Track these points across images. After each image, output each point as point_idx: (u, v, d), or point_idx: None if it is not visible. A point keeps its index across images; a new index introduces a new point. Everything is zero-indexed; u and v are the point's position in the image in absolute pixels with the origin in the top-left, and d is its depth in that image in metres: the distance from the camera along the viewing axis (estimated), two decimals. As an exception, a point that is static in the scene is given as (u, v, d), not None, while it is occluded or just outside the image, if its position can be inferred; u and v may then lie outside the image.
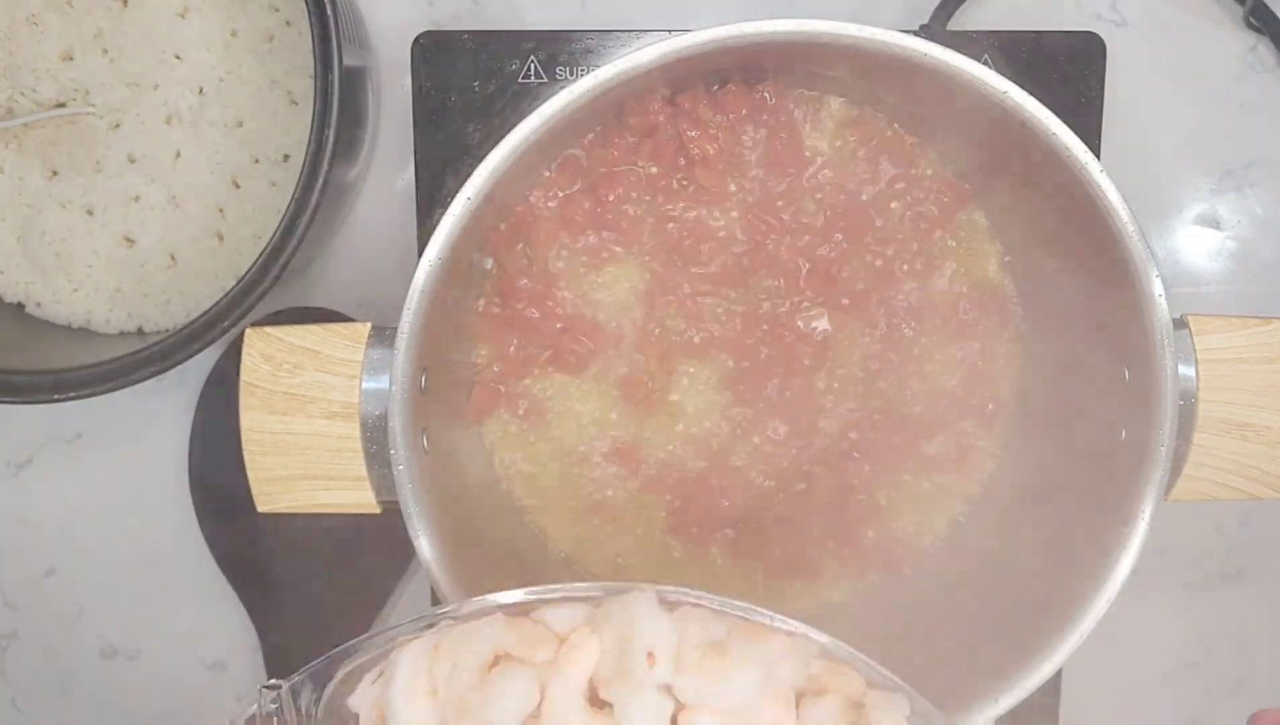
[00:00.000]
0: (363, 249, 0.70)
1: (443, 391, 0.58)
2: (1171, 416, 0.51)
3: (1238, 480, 0.54)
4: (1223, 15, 0.70)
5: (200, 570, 0.71)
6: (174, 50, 0.63)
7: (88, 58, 0.64)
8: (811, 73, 0.59)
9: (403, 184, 0.70)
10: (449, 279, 0.54)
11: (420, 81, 0.65)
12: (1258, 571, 0.72)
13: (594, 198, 0.60)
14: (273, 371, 0.53)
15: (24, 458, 0.72)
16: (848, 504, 0.61)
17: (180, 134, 0.64)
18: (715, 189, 0.60)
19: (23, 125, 0.65)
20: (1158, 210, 0.70)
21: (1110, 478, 0.54)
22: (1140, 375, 0.52)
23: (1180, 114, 0.70)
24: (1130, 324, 0.52)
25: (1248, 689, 0.72)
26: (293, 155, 0.65)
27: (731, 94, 0.59)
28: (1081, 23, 0.69)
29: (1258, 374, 0.53)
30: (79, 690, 0.72)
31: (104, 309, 0.66)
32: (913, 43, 0.52)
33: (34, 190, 0.65)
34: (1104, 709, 0.72)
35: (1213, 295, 0.71)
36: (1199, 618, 0.72)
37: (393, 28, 0.68)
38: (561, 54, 0.65)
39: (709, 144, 0.59)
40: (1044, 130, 0.52)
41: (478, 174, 0.52)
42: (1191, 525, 0.72)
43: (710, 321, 0.61)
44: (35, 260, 0.66)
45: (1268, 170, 0.70)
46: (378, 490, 0.54)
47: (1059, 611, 0.53)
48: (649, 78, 0.53)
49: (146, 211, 0.65)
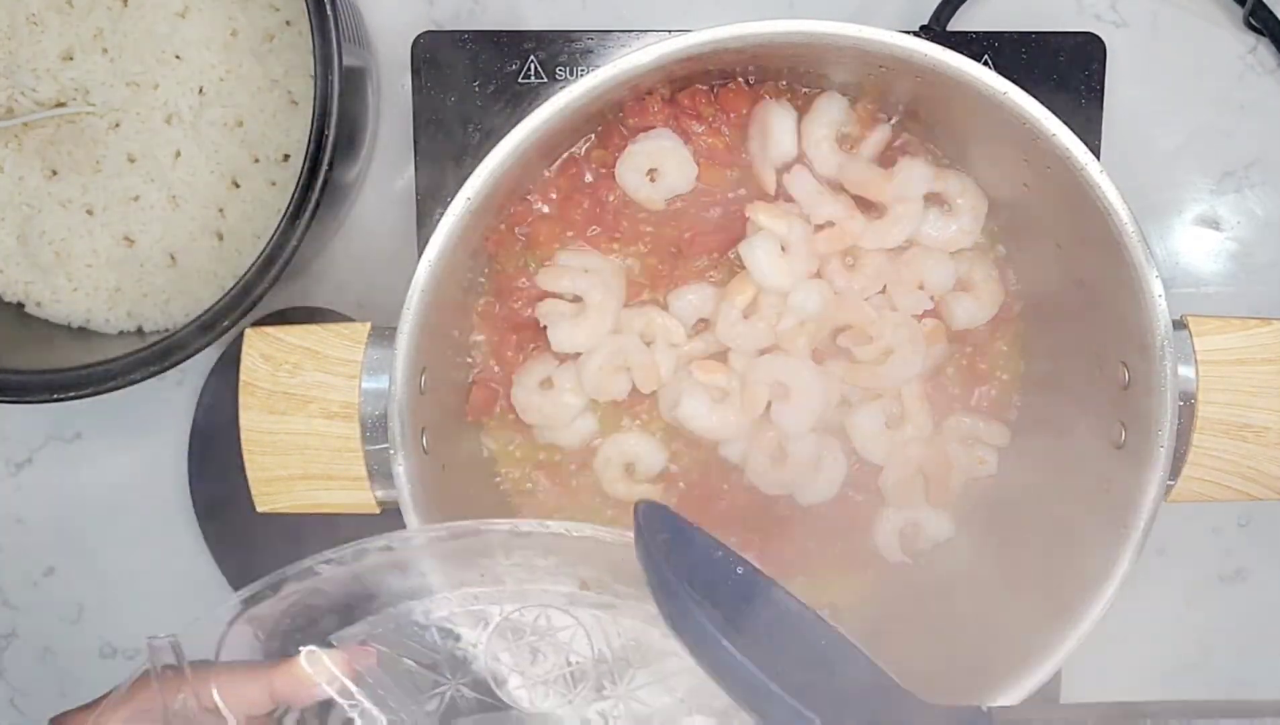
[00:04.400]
0: (363, 249, 0.70)
1: (442, 391, 0.58)
2: (1171, 417, 0.51)
3: (1237, 481, 0.54)
4: (1223, 16, 0.70)
5: (200, 569, 0.71)
6: (174, 50, 0.63)
7: (88, 57, 0.64)
8: (811, 73, 0.59)
9: (403, 184, 0.70)
10: (449, 279, 0.54)
11: (420, 81, 0.65)
12: (1257, 572, 0.72)
13: (593, 198, 0.60)
14: (272, 371, 0.53)
15: (24, 458, 0.72)
16: (848, 504, 0.62)
17: (180, 134, 0.64)
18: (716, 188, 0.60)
19: (23, 125, 0.64)
20: (1158, 210, 0.70)
21: (1110, 478, 0.54)
22: (1140, 376, 0.52)
23: (1180, 114, 0.70)
24: (1130, 324, 0.52)
25: (1248, 689, 0.72)
26: (293, 155, 0.65)
27: (732, 93, 0.59)
28: (1081, 23, 0.69)
29: (1257, 375, 0.53)
30: (79, 690, 0.72)
31: (104, 308, 0.66)
32: (913, 43, 0.52)
33: (34, 190, 0.65)
34: (1104, 709, 0.72)
35: (1212, 296, 0.71)
36: (1199, 618, 0.72)
37: (393, 28, 0.68)
38: (561, 54, 0.65)
39: (714, 138, 0.59)
40: (1044, 131, 0.52)
41: (477, 174, 0.52)
42: (1191, 525, 0.72)
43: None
44: (35, 260, 0.66)
45: (1268, 171, 0.70)
46: (377, 490, 0.54)
47: (1059, 611, 0.53)
48: (649, 78, 0.54)
49: (146, 211, 0.65)
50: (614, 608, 0.47)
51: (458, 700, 0.47)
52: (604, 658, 0.47)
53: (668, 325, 0.60)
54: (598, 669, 0.47)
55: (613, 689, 0.47)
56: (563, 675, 0.47)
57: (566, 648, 0.47)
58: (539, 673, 0.47)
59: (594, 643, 0.47)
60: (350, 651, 0.46)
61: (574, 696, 0.47)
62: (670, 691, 0.47)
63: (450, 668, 0.47)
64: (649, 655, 0.47)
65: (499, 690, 0.47)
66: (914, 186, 0.58)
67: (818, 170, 0.59)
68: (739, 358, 0.60)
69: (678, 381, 0.60)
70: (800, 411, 0.59)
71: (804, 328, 0.59)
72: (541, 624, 0.47)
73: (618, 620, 0.47)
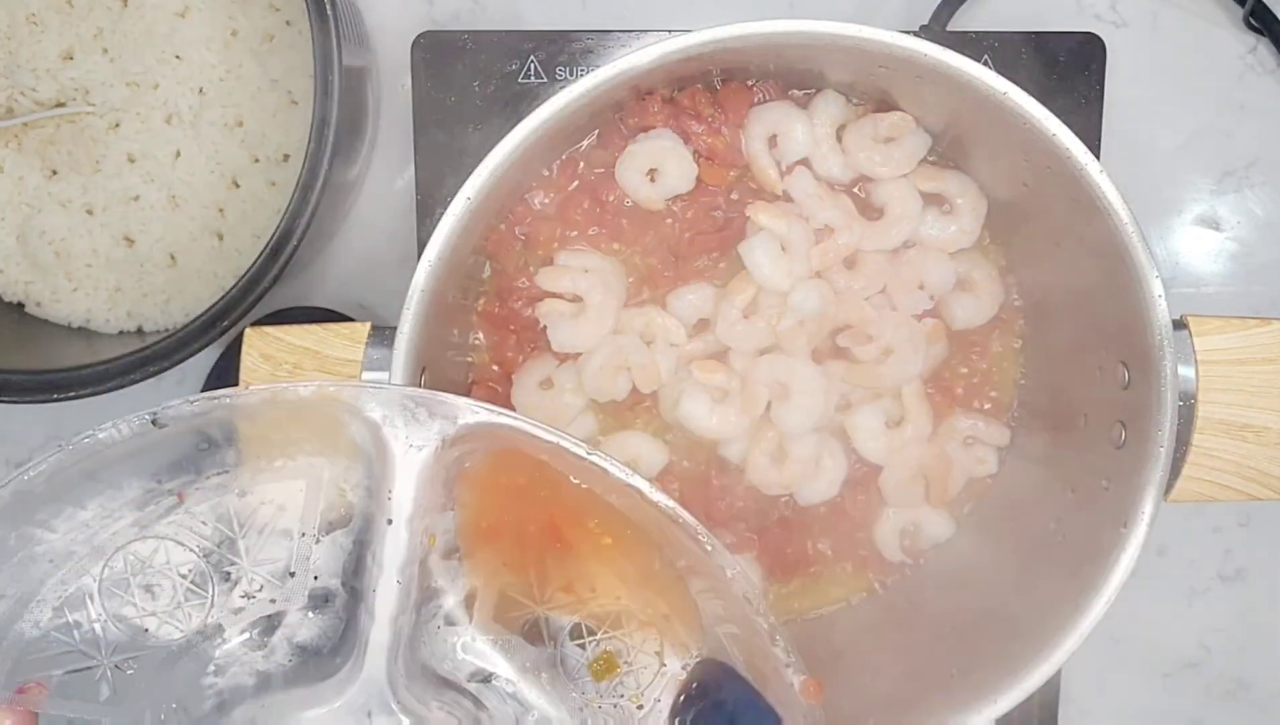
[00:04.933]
0: (363, 249, 0.70)
1: (442, 391, 0.58)
2: (1171, 417, 0.51)
3: (1237, 481, 0.54)
4: (1223, 16, 0.70)
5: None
6: (174, 50, 0.63)
7: (88, 57, 0.64)
8: (811, 72, 0.59)
9: (403, 184, 0.70)
10: (449, 279, 0.54)
11: (420, 81, 0.65)
12: (1257, 572, 0.72)
13: (593, 198, 0.60)
14: (272, 371, 0.53)
15: (24, 458, 0.72)
16: (847, 504, 0.61)
17: (180, 134, 0.64)
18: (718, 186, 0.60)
19: (23, 125, 0.65)
20: (1158, 210, 0.70)
21: (1110, 478, 0.54)
22: (1140, 376, 0.52)
23: (1180, 114, 0.70)
24: (1130, 324, 0.52)
25: (1248, 689, 0.72)
26: (293, 155, 0.65)
27: (732, 93, 0.59)
28: (1081, 23, 0.69)
29: (1257, 375, 0.53)
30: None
31: (104, 308, 0.66)
32: (913, 43, 0.52)
33: (34, 190, 0.65)
34: (1104, 709, 0.72)
35: (1212, 296, 0.71)
36: (1199, 618, 0.72)
37: (393, 28, 0.68)
38: (561, 54, 0.65)
39: (713, 138, 0.59)
40: (1044, 131, 0.52)
41: (477, 174, 0.52)
42: (1191, 526, 0.72)
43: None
44: (35, 260, 0.66)
45: (1268, 171, 0.70)
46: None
47: (1059, 611, 0.53)
48: (649, 78, 0.54)
49: (146, 211, 0.65)
50: (178, 507, 0.47)
51: (123, 670, 0.47)
52: (208, 550, 0.48)
53: (668, 325, 0.60)
54: (211, 561, 0.48)
55: (238, 566, 0.48)
56: (188, 588, 0.48)
57: (170, 567, 0.47)
58: (166, 603, 0.48)
59: (187, 543, 0.48)
60: (13, 709, 0.45)
61: (212, 597, 0.48)
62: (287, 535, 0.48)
63: (95, 646, 0.47)
64: (242, 518, 0.48)
65: (150, 639, 0.47)
66: (914, 157, 0.59)
67: (818, 170, 0.59)
68: (739, 358, 0.60)
69: (678, 381, 0.60)
70: (800, 411, 0.59)
71: (804, 327, 0.59)
72: (134, 562, 0.47)
73: (191, 511, 0.47)
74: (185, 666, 0.48)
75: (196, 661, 0.48)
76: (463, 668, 0.50)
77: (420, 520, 0.47)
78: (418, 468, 0.47)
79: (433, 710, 0.48)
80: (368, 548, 0.48)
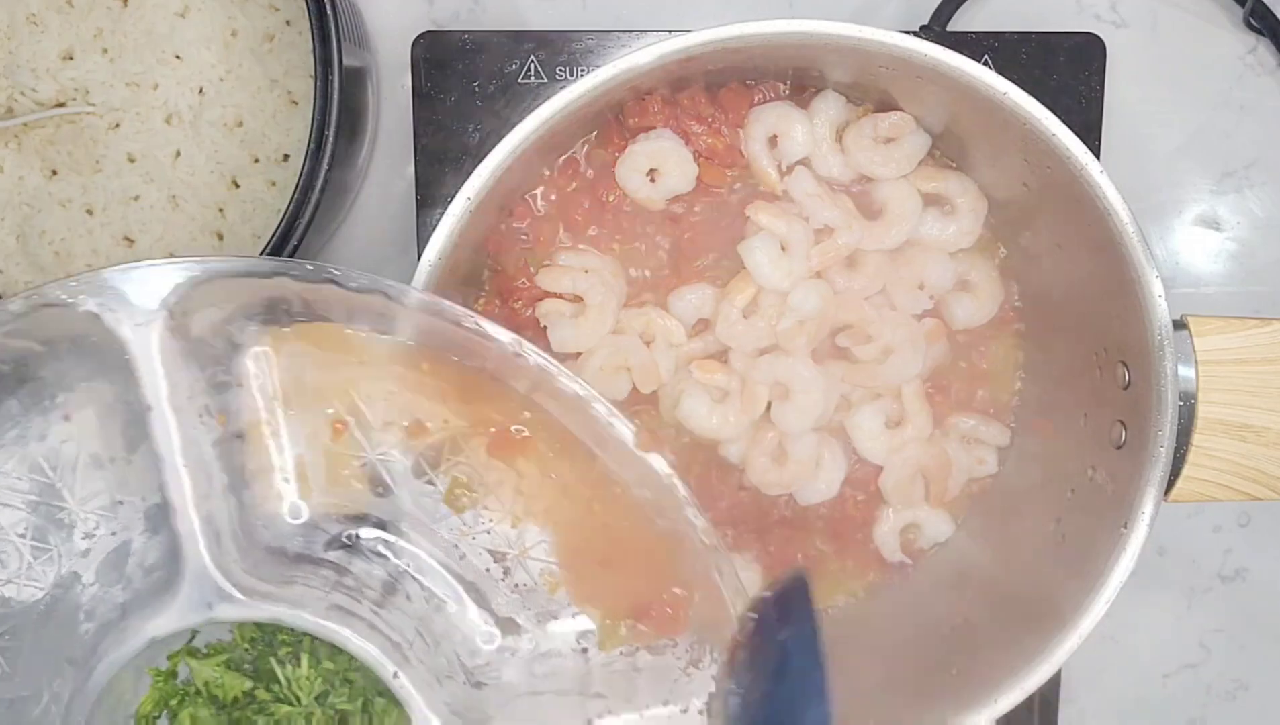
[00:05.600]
0: (363, 249, 0.70)
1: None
2: (1171, 417, 0.52)
3: (1237, 481, 0.54)
4: (1223, 16, 0.70)
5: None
6: (174, 50, 0.63)
7: (88, 57, 0.64)
8: (810, 72, 0.59)
9: (403, 184, 0.70)
10: (449, 279, 0.54)
11: (420, 81, 0.65)
12: (1257, 572, 0.72)
13: (593, 197, 0.60)
14: (272, 371, 0.53)
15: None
16: (847, 504, 0.62)
17: (180, 134, 0.64)
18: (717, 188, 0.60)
19: (23, 125, 0.64)
20: (1158, 210, 0.70)
21: (1110, 478, 0.54)
22: (1140, 376, 0.53)
23: (1180, 114, 0.70)
24: (1130, 324, 0.52)
25: (1248, 689, 0.72)
26: (293, 155, 0.65)
27: (732, 93, 0.59)
28: (1081, 23, 0.69)
29: (1257, 375, 0.53)
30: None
31: (104, 309, 0.66)
32: (913, 43, 0.52)
33: (34, 190, 0.65)
34: (1104, 709, 0.72)
35: (1212, 296, 0.71)
36: (1199, 618, 0.72)
37: (393, 28, 0.68)
38: (561, 54, 0.65)
39: (714, 138, 0.59)
40: (1044, 131, 0.52)
41: (477, 174, 0.52)
42: (1191, 526, 0.72)
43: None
44: (35, 260, 0.66)
45: (1268, 171, 0.70)
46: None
47: (1059, 611, 0.53)
48: (649, 78, 0.54)
49: (146, 211, 0.65)
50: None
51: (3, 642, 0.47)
52: (34, 503, 0.48)
53: (668, 325, 0.60)
54: (40, 513, 0.48)
55: (68, 509, 0.48)
56: (32, 547, 0.48)
57: (5, 531, 0.48)
58: (16, 567, 0.48)
59: (11, 503, 0.48)
60: None
61: (57, 548, 0.48)
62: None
63: None
64: (52, 462, 0.48)
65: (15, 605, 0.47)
66: (914, 157, 0.59)
67: (818, 170, 0.59)
68: (739, 358, 0.60)
69: (678, 381, 0.60)
70: (800, 411, 0.59)
71: (804, 327, 0.59)
72: None
73: (2, 469, 0.47)
74: (59, 621, 0.48)
75: (68, 613, 0.48)
76: (315, 539, 0.49)
77: (192, 400, 0.46)
78: (155, 344, 0.45)
79: (295, 588, 0.48)
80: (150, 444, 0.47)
